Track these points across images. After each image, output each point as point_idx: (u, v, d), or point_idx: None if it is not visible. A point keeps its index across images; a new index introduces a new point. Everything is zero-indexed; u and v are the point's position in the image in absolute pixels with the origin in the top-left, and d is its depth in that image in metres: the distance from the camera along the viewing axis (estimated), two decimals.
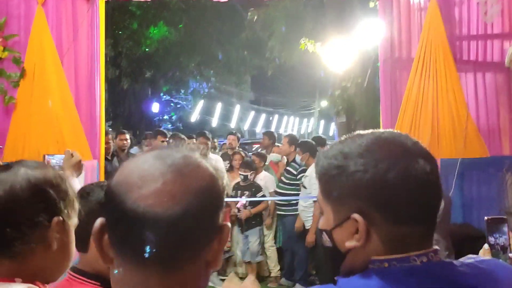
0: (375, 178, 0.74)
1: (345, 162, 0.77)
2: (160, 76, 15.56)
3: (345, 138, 0.82)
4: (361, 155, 0.76)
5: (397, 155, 0.77)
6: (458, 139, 3.81)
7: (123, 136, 5.57)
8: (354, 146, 0.78)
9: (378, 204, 0.75)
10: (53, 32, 3.86)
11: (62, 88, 3.82)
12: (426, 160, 0.79)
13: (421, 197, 0.77)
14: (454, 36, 3.86)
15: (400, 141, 0.80)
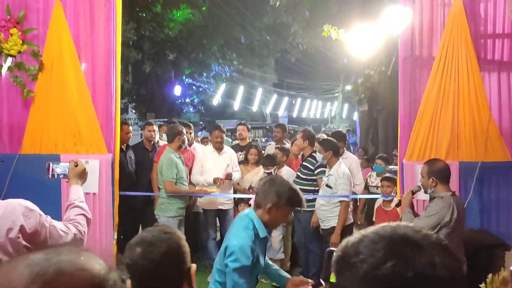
0: (371, 269, 0.72)
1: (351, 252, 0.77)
2: (183, 58, 15.59)
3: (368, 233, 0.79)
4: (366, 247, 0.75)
5: (397, 246, 0.73)
6: (479, 141, 3.69)
7: (151, 127, 5.55)
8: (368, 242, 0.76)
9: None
10: (71, 26, 3.88)
11: (79, 82, 3.86)
12: (437, 253, 0.73)
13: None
14: (478, 34, 3.70)
15: (407, 234, 0.76)
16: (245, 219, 2.20)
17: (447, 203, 3.04)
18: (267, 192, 2.19)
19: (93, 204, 3.86)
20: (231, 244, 2.09)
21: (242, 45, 16.09)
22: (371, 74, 9.80)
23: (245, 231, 2.14)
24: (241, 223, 2.19)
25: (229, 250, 2.09)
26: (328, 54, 14.00)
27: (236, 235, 2.15)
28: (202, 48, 15.13)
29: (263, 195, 2.20)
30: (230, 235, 2.21)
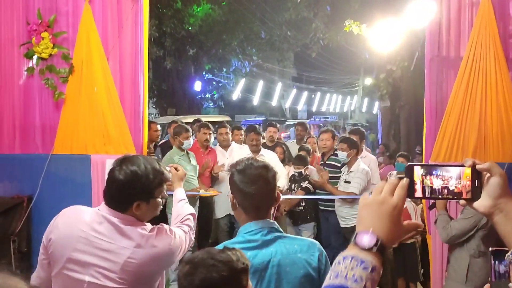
0: None
1: None
2: (203, 54, 15.69)
3: None
4: None
5: None
6: (507, 142, 3.64)
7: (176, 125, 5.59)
8: None
9: None
10: (99, 29, 3.98)
11: (107, 84, 3.96)
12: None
13: None
14: (507, 34, 3.63)
15: None
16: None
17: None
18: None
19: None
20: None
21: (262, 40, 16.08)
22: (393, 69, 9.71)
23: None
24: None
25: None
26: (349, 49, 13.88)
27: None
28: (222, 44, 15.20)
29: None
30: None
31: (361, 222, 0.89)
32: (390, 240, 0.88)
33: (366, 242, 0.85)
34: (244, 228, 1.69)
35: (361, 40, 9.29)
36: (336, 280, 0.83)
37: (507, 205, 0.92)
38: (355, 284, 0.82)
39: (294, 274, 1.61)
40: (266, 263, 1.62)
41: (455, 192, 0.94)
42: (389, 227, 0.87)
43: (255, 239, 1.64)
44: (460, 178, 0.94)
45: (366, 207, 0.90)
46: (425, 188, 0.93)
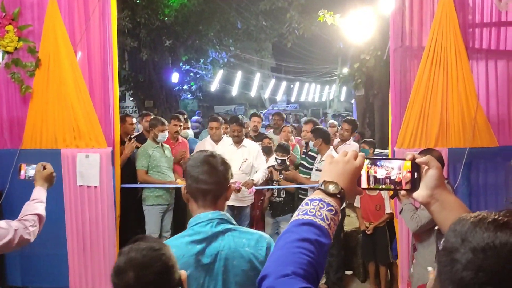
0: (470, 283, 0.67)
1: (458, 246, 0.71)
2: (179, 45, 15.53)
3: (483, 221, 0.72)
4: (474, 251, 0.69)
5: (508, 277, 0.66)
6: (467, 128, 3.79)
7: (148, 117, 5.58)
8: (478, 236, 0.70)
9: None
10: (66, 22, 3.94)
11: (76, 77, 3.94)
12: None
13: None
14: (466, 23, 3.76)
15: None
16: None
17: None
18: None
19: (95, 197, 3.98)
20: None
21: (239, 30, 16.01)
22: (367, 59, 9.84)
23: None
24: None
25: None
26: (326, 39, 13.97)
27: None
28: (198, 34, 15.06)
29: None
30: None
31: (328, 174, 1.02)
32: (348, 192, 1.00)
33: (331, 189, 0.98)
34: (193, 219, 1.66)
35: (336, 30, 9.36)
36: (305, 216, 0.93)
37: (442, 195, 1.01)
38: (322, 222, 0.93)
39: (241, 267, 1.62)
40: (214, 256, 1.61)
41: (396, 181, 1.02)
42: (348, 183, 1.00)
43: (204, 231, 1.62)
44: (401, 169, 1.02)
45: (333, 163, 1.03)
46: (370, 177, 1.03)
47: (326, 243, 0.92)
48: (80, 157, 3.94)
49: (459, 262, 0.69)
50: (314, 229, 0.91)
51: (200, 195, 1.67)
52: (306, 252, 0.88)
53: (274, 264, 0.88)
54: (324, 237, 0.92)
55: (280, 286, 0.84)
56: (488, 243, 0.67)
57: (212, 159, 1.70)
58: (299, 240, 0.89)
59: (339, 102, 28.95)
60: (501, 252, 0.66)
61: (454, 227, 0.73)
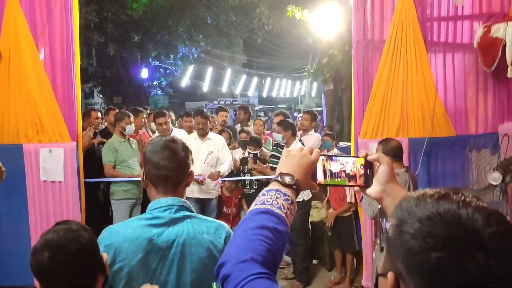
0: (419, 250, 0.68)
1: (405, 219, 0.73)
2: (148, 40, 15.33)
3: (425, 195, 0.75)
4: (420, 220, 0.71)
5: (454, 240, 0.67)
6: (426, 119, 3.94)
7: (114, 112, 5.50)
8: (422, 208, 0.72)
9: (413, 275, 0.70)
10: (27, 15, 3.86)
11: (38, 71, 3.87)
12: (498, 256, 0.66)
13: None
14: (425, 17, 3.90)
15: (474, 227, 0.67)
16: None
17: (403, 180, 3.26)
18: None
19: (59, 192, 3.93)
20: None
21: (209, 25, 15.94)
22: (335, 54, 9.99)
23: None
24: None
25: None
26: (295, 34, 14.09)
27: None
28: (168, 30, 14.91)
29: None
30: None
31: (284, 166, 1.07)
32: (303, 185, 1.05)
33: (287, 180, 1.02)
34: (153, 204, 1.63)
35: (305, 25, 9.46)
36: (263, 206, 0.97)
37: (393, 190, 1.06)
38: (279, 210, 0.97)
39: (198, 254, 1.59)
40: (171, 242, 1.58)
41: (351, 175, 1.08)
42: (303, 175, 1.05)
43: (163, 216, 1.59)
44: (355, 164, 1.08)
45: (290, 157, 1.08)
46: (326, 171, 1.08)
47: (283, 230, 0.94)
48: (43, 152, 3.88)
49: (407, 232, 0.71)
50: (272, 217, 0.95)
51: (161, 182, 1.63)
52: (264, 239, 0.90)
53: (233, 251, 0.90)
54: (282, 225, 0.95)
55: (238, 271, 0.85)
56: (433, 211, 0.70)
57: (173, 144, 1.65)
58: (258, 228, 0.92)
59: (311, 97, 29.24)
60: (445, 218, 0.69)
61: (400, 205, 0.77)
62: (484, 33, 3.73)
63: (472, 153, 3.94)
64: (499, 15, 3.86)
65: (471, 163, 3.97)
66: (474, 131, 4.02)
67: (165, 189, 1.64)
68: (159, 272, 1.58)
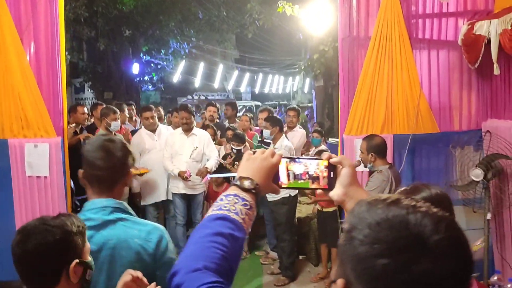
0: (365, 257, 0.67)
1: (356, 224, 0.72)
2: (139, 35, 15.24)
3: (377, 200, 0.74)
4: (369, 225, 0.70)
5: (400, 246, 0.66)
6: (411, 116, 3.97)
7: (101, 107, 5.49)
8: (372, 213, 0.71)
9: (360, 281, 0.69)
10: (11, 9, 3.82)
11: (22, 66, 3.84)
12: (444, 262, 0.65)
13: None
14: (410, 14, 3.93)
15: (421, 232, 0.66)
16: None
17: (385, 177, 3.30)
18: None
19: (45, 188, 3.91)
20: None
21: (200, 21, 15.87)
22: (326, 50, 10.02)
23: None
24: None
25: None
26: (286, 29, 14.09)
27: None
28: (159, 25, 14.83)
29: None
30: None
31: (244, 170, 1.04)
32: (263, 189, 1.03)
33: (247, 185, 1.00)
34: (87, 204, 1.61)
35: (296, 21, 9.46)
36: (219, 211, 0.95)
37: (356, 193, 1.03)
38: (236, 216, 0.95)
39: (127, 258, 1.57)
40: (102, 244, 1.56)
41: (314, 176, 1.06)
42: (264, 179, 1.03)
43: (95, 217, 1.57)
44: (318, 166, 1.06)
45: (251, 160, 1.06)
46: (290, 173, 1.06)
47: (240, 236, 0.92)
48: (29, 147, 3.86)
49: (356, 238, 0.70)
50: (228, 223, 0.92)
51: (95, 181, 1.61)
52: (219, 246, 0.88)
53: (186, 260, 0.87)
54: (238, 231, 0.92)
55: (190, 281, 0.83)
56: (382, 217, 0.69)
57: (110, 144, 1.63)
58: (212, 235, 0.89)
59: (303, 93, 29.28)
60: (393, 224, 0.68)
61: (353, 209, 0.76)
62: (468, 30, 3.77)
63: (456, 150, 3.98)
64: (483, 13, 3.90)
65: (454, 159, 4.01)
66: (458, 127, 4.07)
67: (100, 190, 1.61)
68: None
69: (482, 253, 3.70)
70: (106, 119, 4.76)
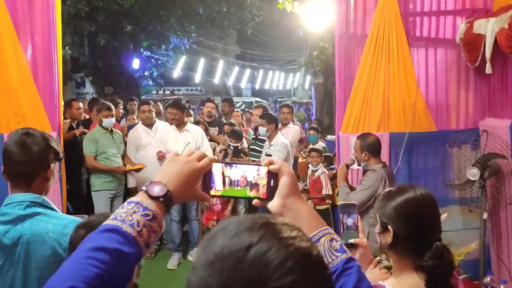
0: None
1: (196, 262, 0.61)
2: (140, 30, 15.22)
3: (229, 225, 0.61)
4: (204, 265, 0.58)
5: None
6: (407, 114, 3.96)
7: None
8: (212, 245, 0.59)
9: None
10: (7, 3, 3.81)
11: (18, 61, 3.82)
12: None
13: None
14: (407, 12, 3.91)
15: (258, 275, 0.54)
16: None
17: (379, 175, 3.29)
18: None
19: None
20: None
21: (201, 16, 15.83)
22: (326, 46, 10.00)
23: None
24: None
25: None
26: (286, 26, 14.06)
27: None
28: (159, 20, 14.81)
29: None
30: None
31: (162, 173, 0.91)
32: (179, 196, 0.90)
33: (155, 191, 0.86)
34: (5, 200, 1.60)
35: (296, 17, 9.42)
36: (113, 221, 0.82)
37: (295, 205, 0.93)
38: (130, 228, 0.80)
39: (41, 253, 1.55)
40: (17, 239, 1.54)
41: (253, 183, 0.95)
42: (182, 185, 0.90)
43: (11, 212, 1.55)
44: (259, 172, 0.96)
45: (173, 161, 0.93)
46: (226, 179, 0.95)
47: (130, 252, 0.79)
48: None
49: (191, 281, 0.58)
50: (117, 236, 0.79)
51: (13, 176, 1.61)
52: (96, 263, 0.74)
53: (55, 278, 0.75)
54: (129, 246, 0.79)
55: None
56: (217, 253, 0.56)
57: (26, 138, 1.62)
58: (92, 249, 0.76)
59: (304, 90, 29.24)
60: (226, 263, 0.55)
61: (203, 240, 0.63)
62: (467, 29, 3.75)
63: (453, 149, 3.97)
64: (481, 11, 3.88)
65: (451, 158, 4.00)
66: (455, 126, 4.05)
67: (18, 184, 1.61)
68: (6, 269, 1.56)
69: (478, 252, 3.70)
70: (99, 115, 4.74)
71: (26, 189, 1.60)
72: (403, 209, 1.46)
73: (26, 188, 1.60)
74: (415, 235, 1.44)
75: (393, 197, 1.50)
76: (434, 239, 1.41)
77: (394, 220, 1.47)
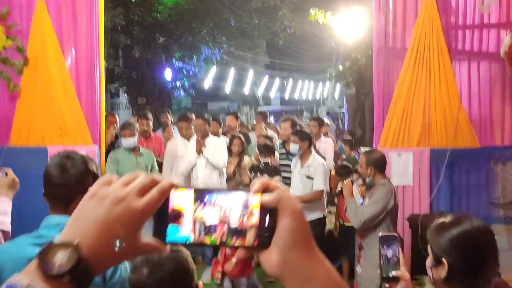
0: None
1: None
2: (172, 42, 15.55)
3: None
4: None
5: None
6: (449, 129, 3.86)
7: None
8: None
9: None
10: (54, 21, 3.97)
11: (63, 76, 3.97)
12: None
13: None
14: (449, 25, 3.83)
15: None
16: None
17: (390, 189, 3.19)
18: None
19: None
20: None
21: (232, 27, 16.04)
22: (358, 58, 9.89)
23: None
24: None
25: None
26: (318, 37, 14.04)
27: None
28: (191, 32, 15.10)
29: None
30: None
31: (72, 223, 0.55)
32: (104, 261, 0.54)
33: (56, 263, 0.51)
34: (43, 222, 1.59)
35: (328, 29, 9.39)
36: None
37: (303, 266, 0.56)
38: None
39: None
40: None
41: (239, 230, 0.57)
42: (110, 241, 0.53)
43: (48, 235, 1.51)
44: (247, 207, 0.58)
45: (94, 200, 0.55)
46: (197, 225, 0.57)
47: None
48: None
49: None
50: None
51: (52, 199, 1.61)
52: None
53: None
54: None
55: None
56: None
57: (65, 160, 1.61)
58: None
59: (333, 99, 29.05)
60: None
61: None
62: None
63: (497, 166, 3.83)
64: None
65: (496, 176, 3.85)
66: (499, 142, 3.91)
67: (56, 207, 1.60)
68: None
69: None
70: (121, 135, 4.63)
71: (64, 212, 1.59)
72: (459, 241, 1.40)
73: (64, 211, 1.59)
74: (472, 269, 1.38)
75: (448, 229, 1.44)
76: (492, 273, 1.36)
77: (450, 253, 1.41)
